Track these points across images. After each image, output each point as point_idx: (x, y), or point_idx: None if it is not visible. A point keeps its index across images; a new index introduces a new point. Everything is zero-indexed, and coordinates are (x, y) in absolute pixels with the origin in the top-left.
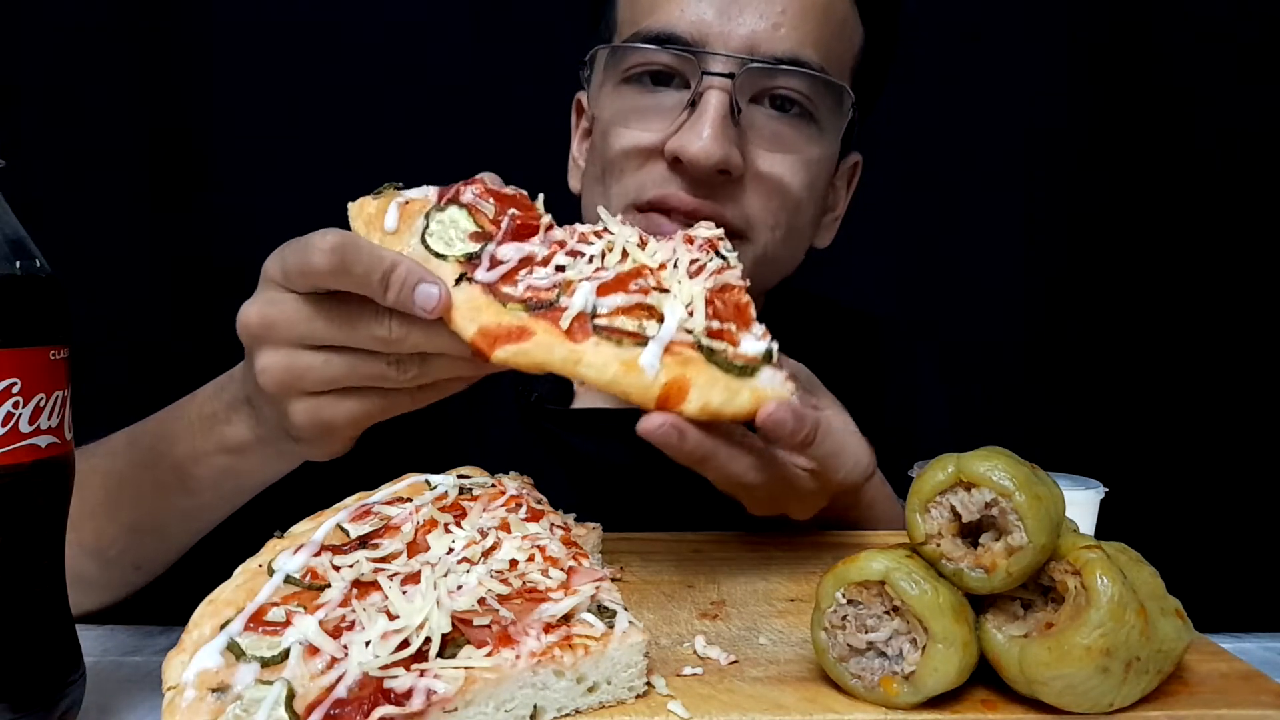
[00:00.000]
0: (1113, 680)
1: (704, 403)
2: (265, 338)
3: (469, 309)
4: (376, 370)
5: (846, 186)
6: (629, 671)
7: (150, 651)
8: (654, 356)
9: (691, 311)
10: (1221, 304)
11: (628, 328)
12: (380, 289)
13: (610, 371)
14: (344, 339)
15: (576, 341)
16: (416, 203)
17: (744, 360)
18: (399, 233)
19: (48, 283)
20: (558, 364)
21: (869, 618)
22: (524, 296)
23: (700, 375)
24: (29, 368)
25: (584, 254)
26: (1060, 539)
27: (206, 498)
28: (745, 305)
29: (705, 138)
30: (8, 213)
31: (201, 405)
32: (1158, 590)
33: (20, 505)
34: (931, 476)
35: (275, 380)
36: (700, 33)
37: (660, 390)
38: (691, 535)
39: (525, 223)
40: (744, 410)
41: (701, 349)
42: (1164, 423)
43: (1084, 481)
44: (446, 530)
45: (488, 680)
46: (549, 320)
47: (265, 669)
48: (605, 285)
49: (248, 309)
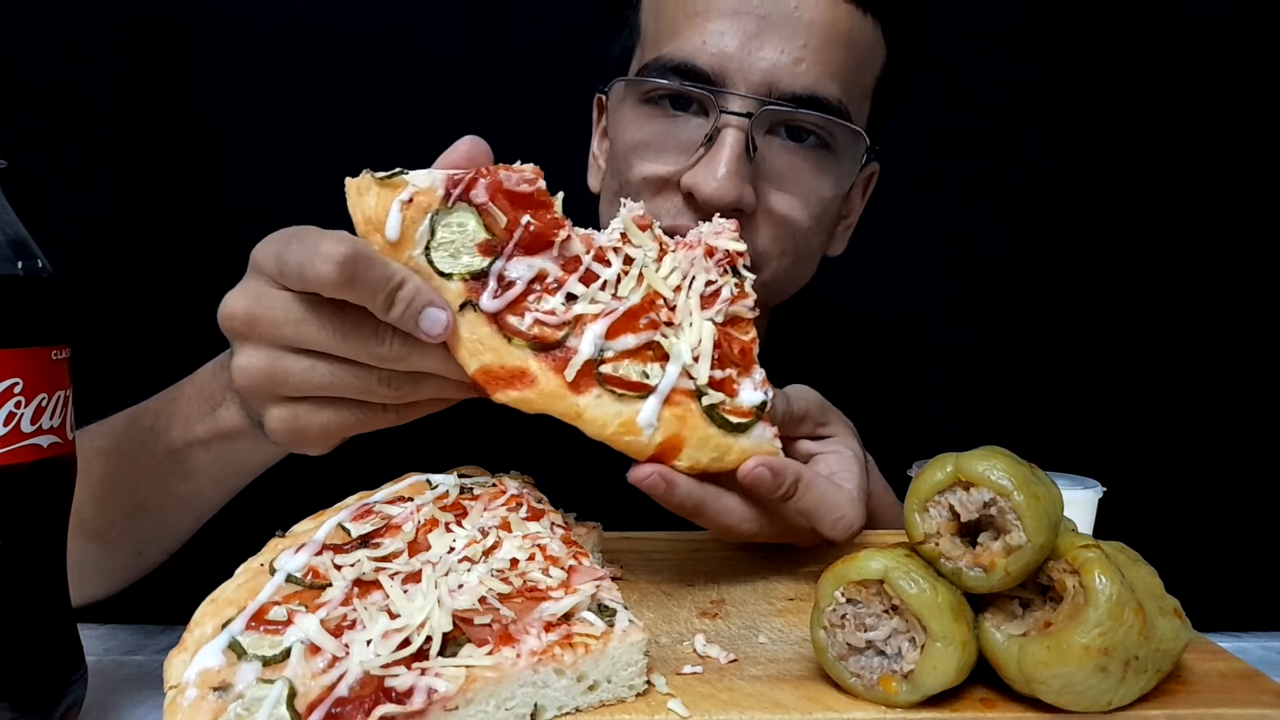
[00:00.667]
0: (1111, 679)
1: (693, 461)
2: (248, 334)
3: (472, 342)
4: (364, 384)
5: (862, 195)
6: (629, 670)
7: (152, 650)
8: (651, 414)
9: (697, 357)
10: (1221, 304)
11: (631, 376)
12: (385, 306)
13: (609, 430)
14: (336, 348)
15: (579, 393)
16: (421, 197)
17: (739, 416)
18: (402, 242)
19: (49, 283)
20: (558, 414)
21: (868, 616)
22: (530, 333)
23: (694, 435)
24: (31, 368)
25: (599, 277)
26: (1059, 538)
27: (203, 481)
28: (750, 346)
29: (720, 178)
30: (9, 213)
31: (199, 386)
32: (1156, 589)
33: (22, 505)
34: (930, 476)
35: (253, 381)
36: (720, 66)
37: (654, 450)
38: (691, 535)
39: (540, 231)
40: (730, 467)
41: (699, 400)
42: (1162, 423)
43: (1082, 481)
44: (447, 529)
45: (488, 679)
46: (553, 364)
47: (267, 668)
48: (615, 325)
49: (233, 300)
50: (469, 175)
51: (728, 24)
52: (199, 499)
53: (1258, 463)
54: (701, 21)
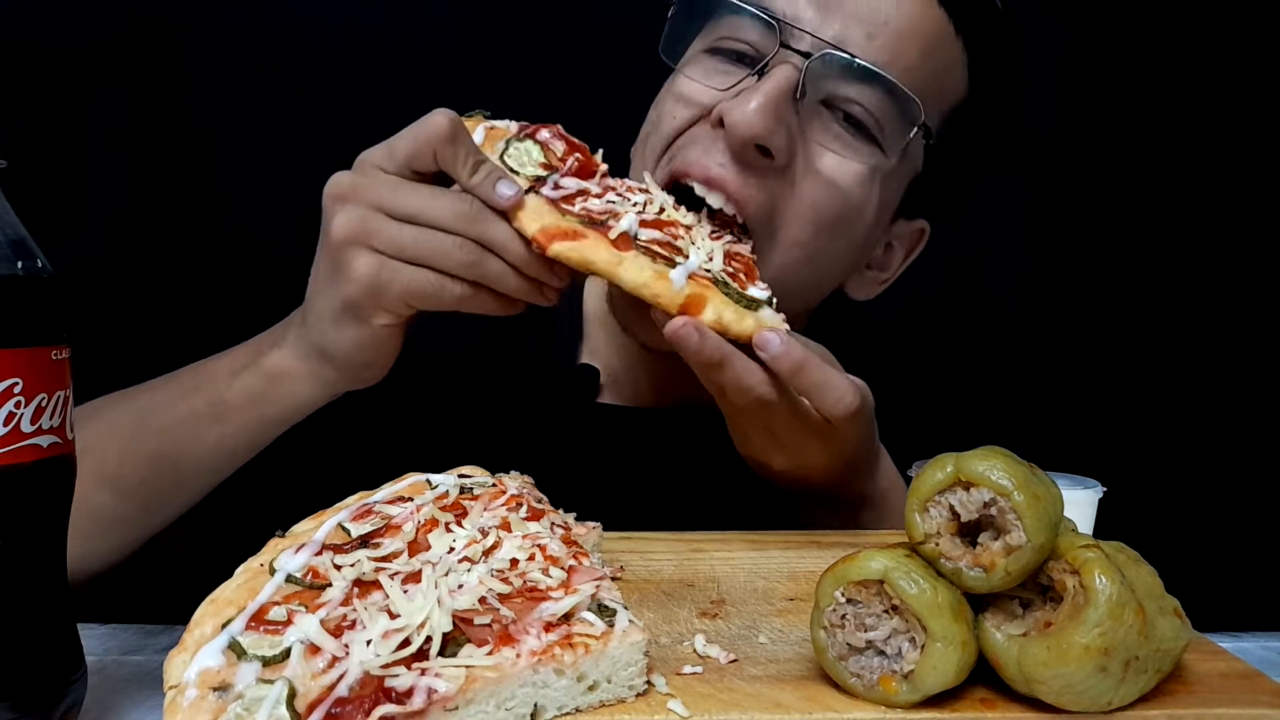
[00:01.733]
0: (1111, 679)
1: (717, 315)
2: (349, 197)
3: (534, 212)
4: (443, 245)
5: (905, 253)
6: (629, 670)
7: (152, 650)
8: (681, 275)
9: (711, 256)
10: (1220, 304)
11: (661, 253)
12: (470, 171)
13: (644, 276)
14: (426, 206)
15: (621, 250)
16: (499, 130)
17: (750, 298)
18: (482, 148)
19: (49, 283)
20: (602, 264)
21: (868, 616)
22: (580, 213)
23: (716, 296)
24: (31, 368)
25: (630, 199)
26: (1059, 538)
27: (232, 425)
28: (751, 264)
29: (752, 106)
30: (9, 213)
31: (248, 343)
32: (1156, 589)
33: (22, 505)
34: (930, 476)
35: (348, 230)
36: (793, 13)
37: (684, 298)
38: (691, 535)
39: (585, 165)
40: (748, 331)
41: (718, 283)
42: (1162, 422)
43: (1082, 481)
44: (447, 529)
45: (488, 679)
46: (600, 232)
47: (267, 668)
48: (645, 221)
49: (339, 176)
50: (536, 125)
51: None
52: (222, 449)
53: (1258, 463)
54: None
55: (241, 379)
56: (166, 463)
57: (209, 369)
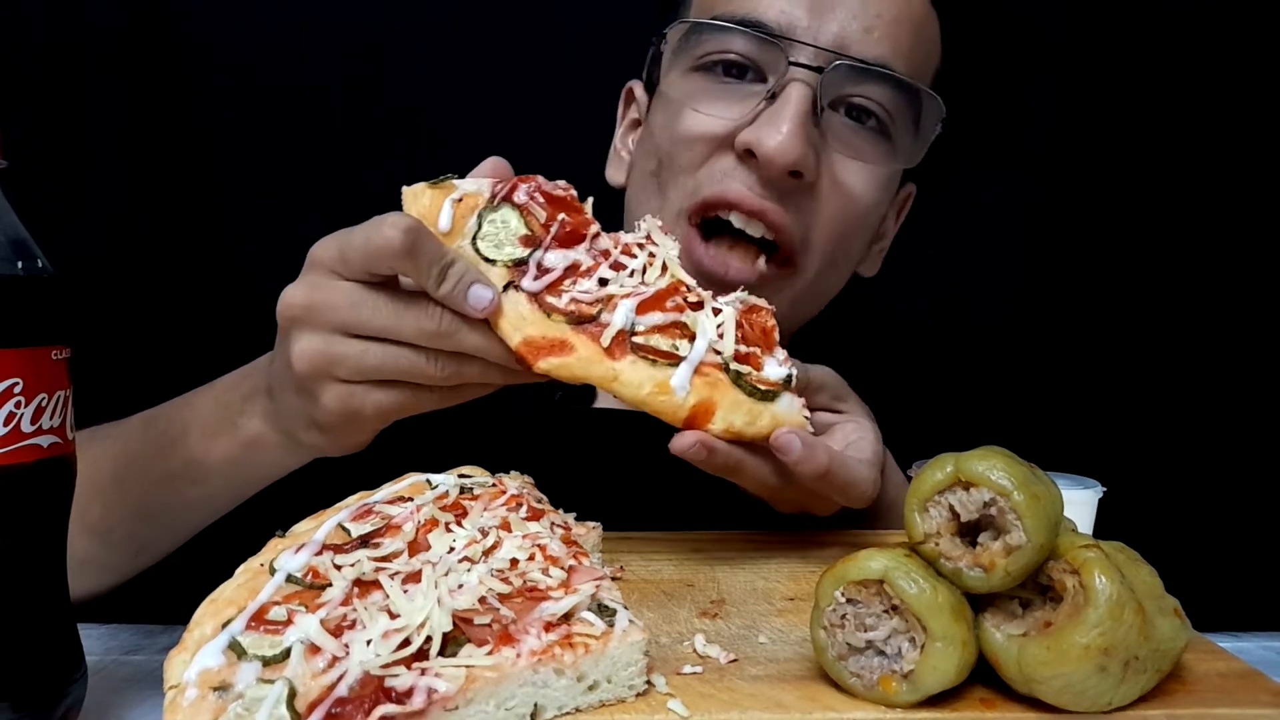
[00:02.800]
0: (1111, 679)
1: (727, 424)
2: (306, 320)
3: (515, 317)
4: (413, 364)
5: (896, 217)
6: (629, 670)
7: (152, 650)
8: (684, 378)
9: (722, 334)
10: (1220, 304)
11: (662, 347)
12: (437, 281)
13: (644, 390)
14: (390, 326)
15: (615, 359)
16: (470, 199)
17: (766, 385)
18: (451, 233)
19: (49, 283)
20: (595, 379)
21: (868, 616)
22: (567, 309)
23: (725, 398)
24: (31, 368)
25: (626, 267)
26: (1058, 538)
27: (214, 487)
28: (770, 329)
29: (785, 133)
30: (9, 213)
31: (219, 395)
32: (1156, 589)
33: (22, 505)
34: (930, 476)
35: (310, 363)
36: (789, 24)
37: (688, 411)
38: (691, 535)
39: (574, 229)
40: (763, 433)
41: (728, 371)
42: (1162, 423)
43: (1082, 481)
44: (447, 529)
45: (488, 679)
46: (590, 335)
47: (267, 668)
48: (644, 303)
49: (292, 291)
50: (512, 180)
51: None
52: (206, 504)
53: (1258, 463)
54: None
55: (218, 444)
56: (150, 515)
57: (181, 421)
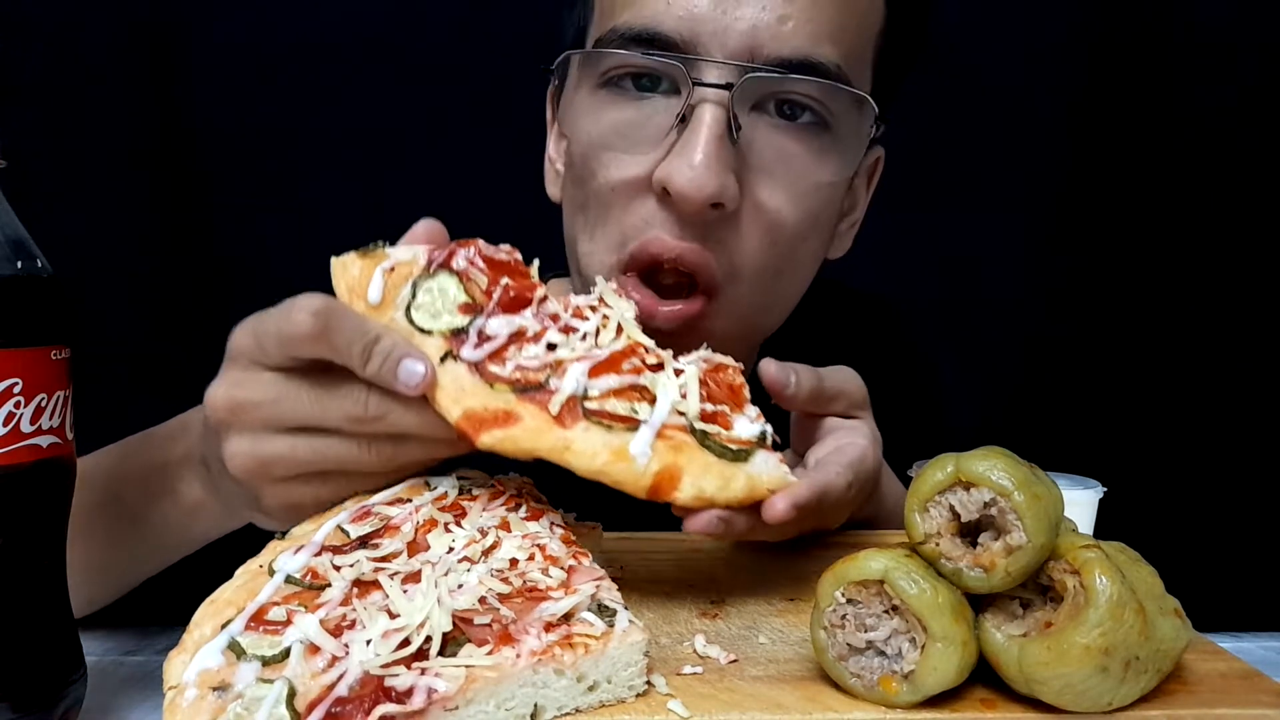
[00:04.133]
0: (1111, 679)
1: (697, 491)
2: (232, 422)
3: (454, 389)
4: (346, 454)
5: (866, 185)
6: (629, 670)
7: (151, 651)
8: (645, 443)
9: (685, 394)
10: (1221, 304)
11: (619, 411)
12: (361, 361)
13: (600, 460)
14: (315, 418)
15: (566, 427)
16: (404, 267)
17: (738, 444)
18: (383, 305)
19: (49, 283)
20: (545, 450)
21: (868, 617)
22: (512, 378)
23: (693, 462)
24: (30, 368)
25: (578, 330)
26: (1059, 538)
27: (153, 544)
28: (739, 387)
29: (697, 165)
30: (8, 213)
31: (153, 452)
32: (1156, 590)
33: (22, 505)
34: (930, 476)
35: (244, 468)
36: (690, 30)
37: (651, 479)
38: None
39: (519, 293)
40: (738, 497)
41: (694, 433)
42: (1163, 423)
43: (1083, 481)
44: (447, 529)
45: (488, 679)
46: (537, 404)
47: (266, 668)
48: (598, 366)
49: (215, 391)
50: (450, 246)
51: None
52: (149, 559)
53: (1258, 463)
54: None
55: (160, 506)
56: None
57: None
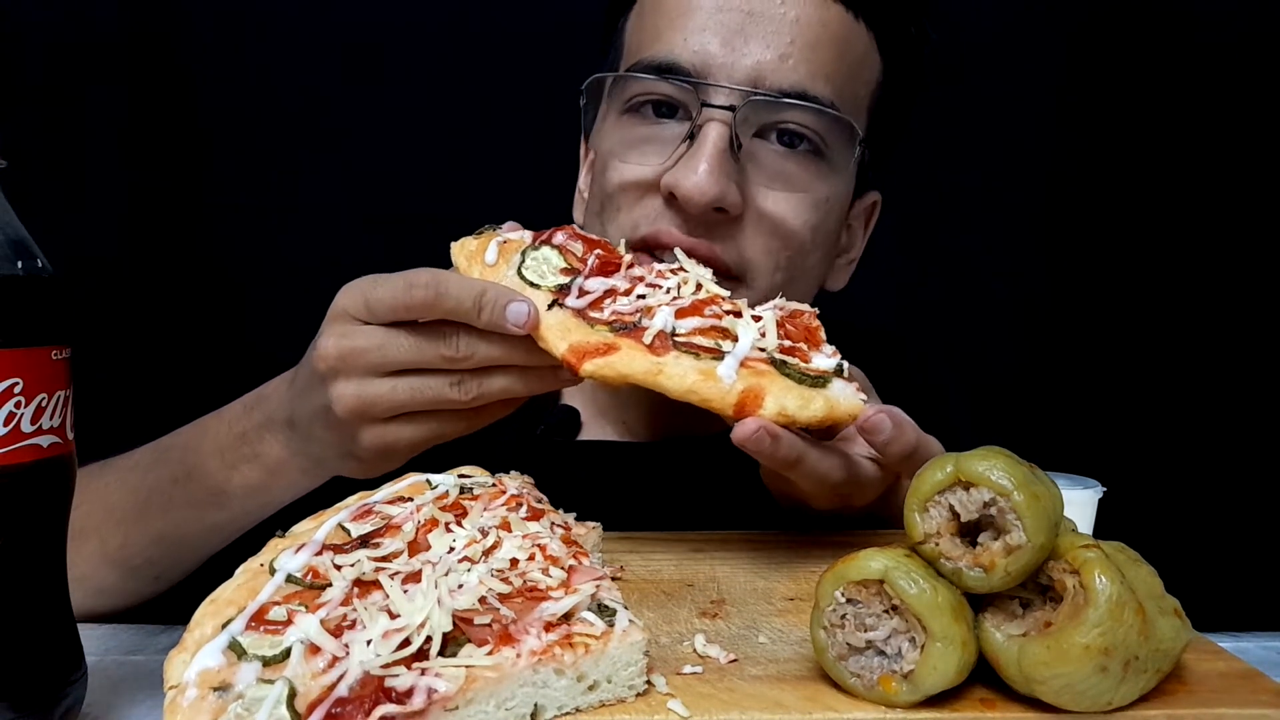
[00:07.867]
0: (1111, 679)
1: (780, 408)
2: (341, 368)
3: (560, 329)
4: (439, 392)
5: (864, 226)
6: (629, 670)
7: (152, 651)
8: (730, 368)
9: (764, 332)
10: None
11: (705, 344)
12: (474, 312)
13: (690, 380)
14: (414, 359)
15: (659, 355)
16: (513, 243)
17: (816, 372)
18: (497, 266)
19: (49, 283)
20: (640, 374)
21: (868, 616)
22: (609, 319)
23: (775, 384)
24: (31, 368)
25: (661, 286)
26: (1059, 538)
27: (236, 511)
28: (815, 329)
29: (700, 173)
30: (9, 213)
31: (231, 424)
32: (1156, 589)
33: (22, 505)
34: (930, 476)
35: (349, 409)
36: (703, 63)
37: (737, 397)
38: (691, 535)
39: (609, 261)
40: (817, 416)
41: (774, 363)
42: (1162, 423)
43: (1082, 481)
44: (447, 529)
45: (488, 679)
46: (633, 338)
47: (267, 668)
48: (683, 310)
49: (324, 343)
50: (550, 229)
51: (710, 20)
52: (228, 527)
53: (1258, 463)
54: (682, 21)
55: (239, 472)
56: (169, 543)
57: (197, 450)
